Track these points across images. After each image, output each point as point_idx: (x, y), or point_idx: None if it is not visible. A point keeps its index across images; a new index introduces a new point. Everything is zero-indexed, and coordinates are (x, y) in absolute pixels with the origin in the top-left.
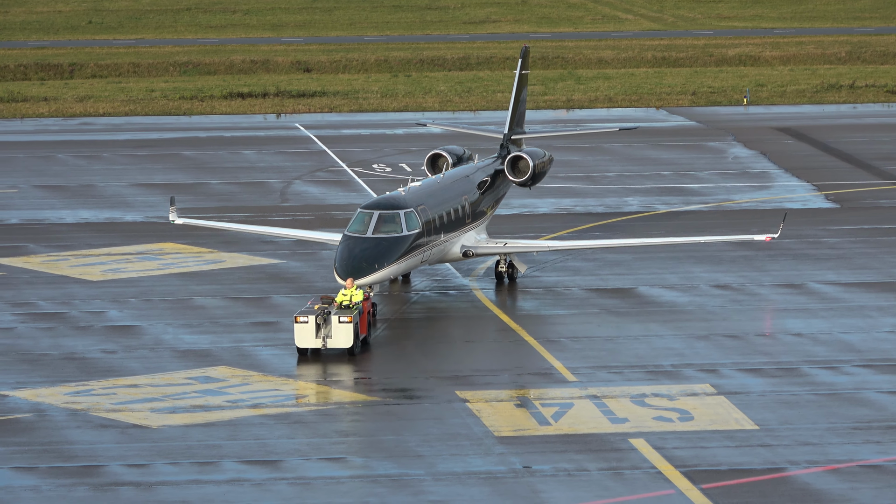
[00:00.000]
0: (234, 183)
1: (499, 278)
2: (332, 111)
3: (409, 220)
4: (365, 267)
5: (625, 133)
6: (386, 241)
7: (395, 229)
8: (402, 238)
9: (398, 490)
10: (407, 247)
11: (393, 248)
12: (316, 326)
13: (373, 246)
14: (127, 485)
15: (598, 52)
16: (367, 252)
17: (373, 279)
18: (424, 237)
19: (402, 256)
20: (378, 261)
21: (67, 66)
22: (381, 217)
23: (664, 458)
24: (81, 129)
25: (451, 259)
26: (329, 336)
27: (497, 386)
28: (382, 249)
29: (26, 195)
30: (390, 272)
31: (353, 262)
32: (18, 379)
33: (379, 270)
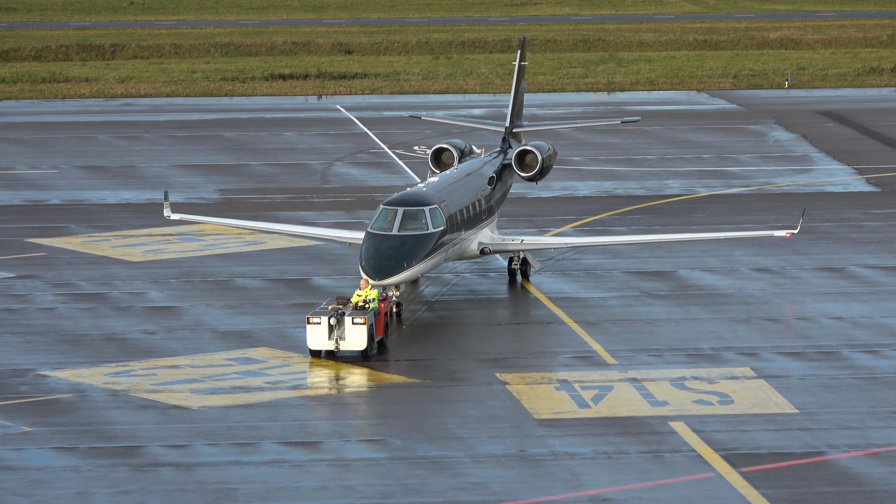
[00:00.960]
0: (275, 164)
1: (511, 276)
2: (374, 93)
3: (435, 217)
4: (393, 265)
5: (666, 115)
6: (412, 239)
7: (421, 226)
8: (429, 235)
9: (437, 472)
10: (434, 244)
11: (420, 246)
12: (329, 328)
13: (399, 244)
14: (167, 465)
15: (640, 34)
16: (394, 250)
17: (402, 278)
18: (448, 234)
19: (429, 254)
20: (406, 259)
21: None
22: (406, 214)
23: (704, 442)
24: (123, 110)
25: (468, 257)
26: (342, 338)
27: (537, 368)
28: (409, 247)
29: (67, 175)
30: (418, 270)
31: (381, 261)
32: (59, 359)
33: (408, 269)
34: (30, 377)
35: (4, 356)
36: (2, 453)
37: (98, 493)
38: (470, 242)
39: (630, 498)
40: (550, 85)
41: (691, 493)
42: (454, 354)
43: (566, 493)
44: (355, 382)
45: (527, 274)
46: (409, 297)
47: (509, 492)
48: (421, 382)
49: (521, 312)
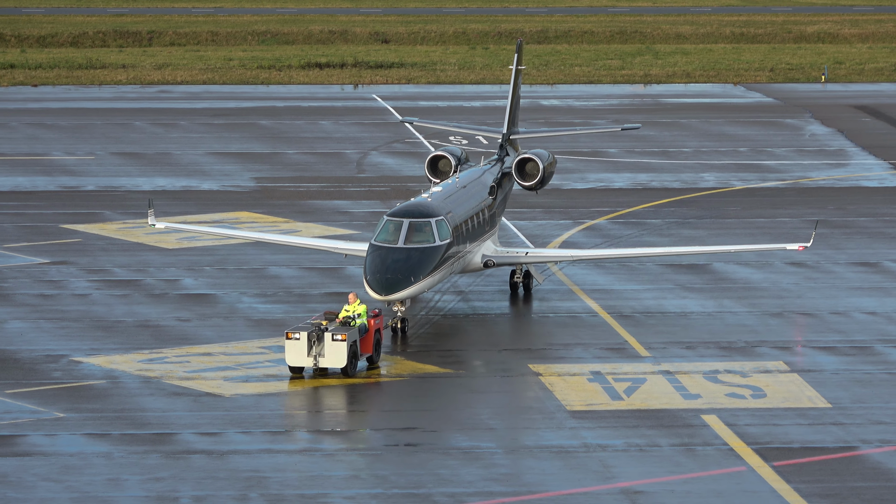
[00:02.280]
0: (311, 153)
1: (513, 289)
2: (410, 83)
3: (441, 229)
4: (400, 280)
5: (702, 108)
6: (419, 252)
7: (428, 239)
8: (436, 248)
9: (469, 462)
10: (441, 257)
11: (427, 259)
12: (308, 344)
13: (406, 257)
14: (199, 453)
15: (677, 27)
16: (401, 264)
17: (409, 293)
18: (455, 247)
19: (436, 268)
20: (413, 273)
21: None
22: (412, 226)
23: (736, 435)
24: (159, 97)
25: (471, 270)
26: (321, 354)
27: (570, 360)
28: (416, 261)
29: (103, 162)
30: (426, 285)
31: (388, 275)
32: (93, 345)
33: (415, 283)
34: (63, 363)
35: (38, 342)
36: (34, 439)
37: (130, 479)
38: (474, 255)
39: (661, 490)
40: (587, 76)
41: (723, 487)
42: (487, 345)
43: (598, 485)
44: (389, 372)
45: (529, 287)
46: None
47: (541, 483)
48: (454, 373)
49: (555, 304)
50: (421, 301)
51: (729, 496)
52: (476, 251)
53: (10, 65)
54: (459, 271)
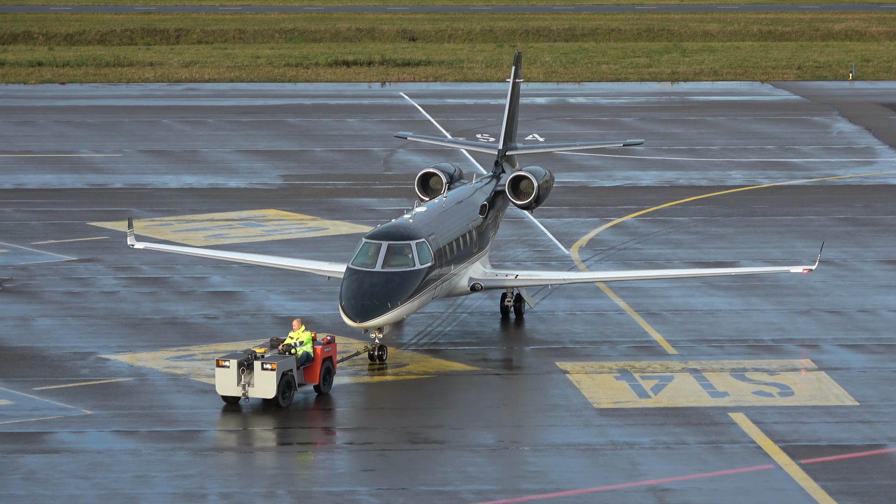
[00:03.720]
0: (338, 151)
1: (504, 313)
2: (437, 80)
3: (422, 252)
4: (377, 306)
5: (730, 106)
6: (398, 277)
7: (407, 262)
8: (416, 272)
9: (497, 460)
10: (420, 282)
11: (406, 284)
12: (238, 372)
13: (383, 282)
14: (226, 450)
15: (704, 24)
16: (378, 289)
17: (385, 320)
18: (436, 270)
19: (415, 293)
20: (391, 299)
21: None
22: (390, 249)
23: (763, 433)
24: (186, 95)
25: (458, 293)
26: (251, 384)
27: (597, 358)
28: (395, 286)
29: (130, 160)
30: (403, 311)
31: (364, 301)
32: (120, 343)
33: (392, 310)
34: (91, 360)
35: (66, 339)
36: (62, 436)
37: (157, 476)
38: (460, 278)
39: (689, 488)
40: (614, 74)
41: (750, 485)
42: (515, 343)
43: (625, 482)
44: (416, 370)
45: (521, 311)
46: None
47: (568, 481)
48: (482, 370)
49: (582, 301)
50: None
51: (756, 494)
52: (463, 274)
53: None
54: (444, 295)
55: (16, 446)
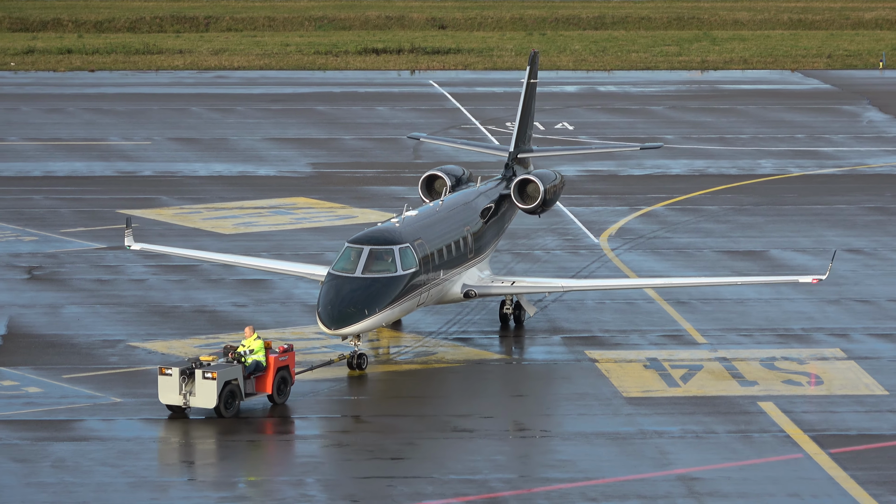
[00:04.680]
0: (368, 139)
1: (504, 321)
2: (466, 68)
3: (405, 258)
4: (353, 313)
5: (760, 95)
6: (377, 283)
7: (388, 268)
8: (397, 279)
9: (527, 448)
10: (402, 288)
11: (386, 291)
12: (180, 381)
13: (362, 288)
14: (254, 439)
15: (734, 13)
16: (356, 295)
17: (360, 327)
18: (422, 276)
19: (396, 300)
20: (368, 305)
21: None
22: (371, 254)
23: (793, 422)
24: (216, 83)
25: (450, 300)
26: (192, 393)
27: (626, 347)
28: (374, 292)
29: (160, 147)
30: (382, 318)
31: (340, 308)
32: (150, 331)
33: (369, 317)
34: (120, 348)
35: (95, 327)
36: (91, 424)
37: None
38: (452, 284)
39: (718, 477)
40: (644, 63)
41: (779, 474)
42: (544, 332)
43: (654, 471)
44: (445, 358)
45: (520, 319)
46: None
47: (597, 469)
48: (510, 359)
49: (611, 291)
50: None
51: (785, 483)
52: (456, 280)
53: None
54: (435, 301)
55: (45, 434)
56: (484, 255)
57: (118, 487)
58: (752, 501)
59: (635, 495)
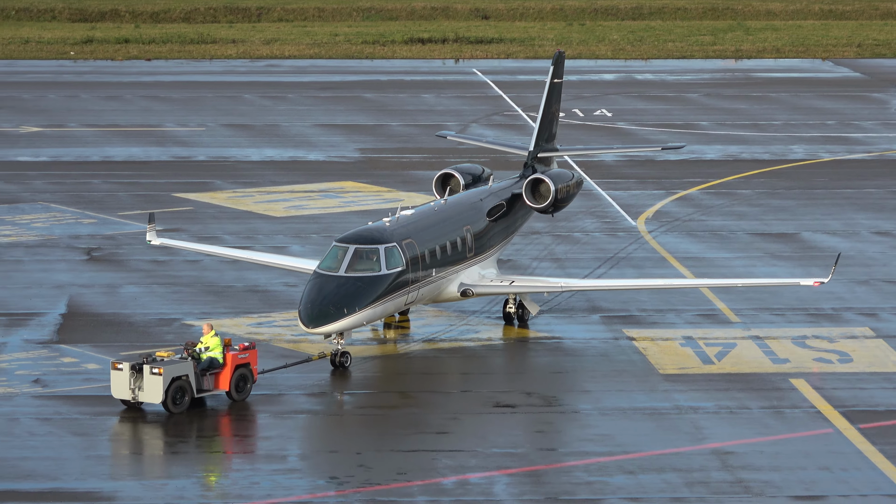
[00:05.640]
0: (413, 125)
1: (507, 320)
2: (509, 57)
3: (391, 257)
4: (331, 312)
5: (791, 83)
6: (360, 282)
7: (373, 267)
8: (380, 278)
9: (566, 423)
10: (385, 288)
11: (367, 290)
12: (130, 376)
13: (343, 286)
14: (305, 413)
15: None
16: (337, 294)
17: (339, 326)
18: (409, 275)
19: (378, 299)
20: (348, 304)
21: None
22: (356, 253)
23: (823, 399)
24: (268, 71)
25: (446, 299)
26: (140, 388)
27: (663, 326)
28: (355, 291)
29: (214, 133)
30: (363, 317)
31: (319, 306)
32: (204, 309)
33: (349, 316)
34: (175, 326)
35: (152, 306)
36: None
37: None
38: (448, 283)
39: (751, 451)
40: (680, 52)
41: (810, 448)
42: (584, 311)
43: (689, 445)
44: (487, 337)
45: (524, 318)
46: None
47: (634, 444)
48: (551, 337)
49: (648, 271)
50: (519, 267)
51: (816, 457)
52: (453, 279)
53: (124, 40)
54: (429, 300)
55: (103, 409)
56: (487, 254)
57: (173, 460)
58: (783, 475)
59: (671, 468)
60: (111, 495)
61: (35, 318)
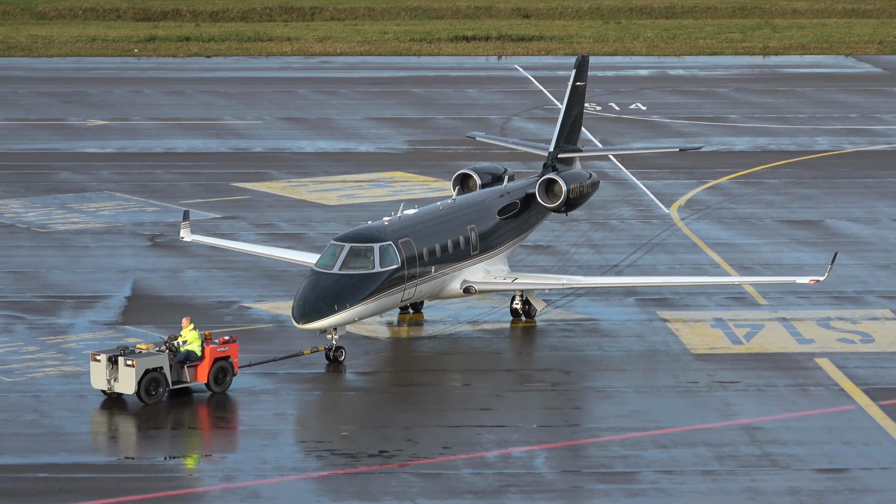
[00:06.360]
0: (458, 118)
1: (514, 315)
2: (548, 54)
3: (385, 255)
4: (322, 308)
5: (816, 78)
6: (353, 279)
7: (366, 265)
8: (372, 275)
9: (602, 400)
10: (378, 285)
11: (360, 287)
12: (107, 367)
13: (336, 283)
14: (355, 390)
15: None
16: (329, 291)
17: (328, 322)
18: (405, 272)
19: (370, 296)
20: (339, 301)
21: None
22: (351, 251)
23: (846, 377)
24: (321, 67)
25: (448, 295)
26: (115, 379)
27: (694, 308)
28: (347, 288)
29: (270, 126)
30: (354, 314)
31: (311, 303)
32: (260, 293)
33: (339, 312)
34: (234, 308)
35: (212, 289)
36: None
37: (293, 414)
38: (451, 280)
39: (778, 427)
40: (710, 48)
41: (834, 424)
42: (619, 294)
43: (720, 421)
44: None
45: (530, 314)
46: None
47: (667, 420)
48: (588, 319)
49: (680, 256)
50: (558, 253)
51: (840, 432)
52: (456, 276)
53: (185, 38)
54: (429, 296)
55: None
56: (493, 252)
57: (232, 435)
58: (808, 449)
59: (702, 443)
60: (174, 467)
61: (101, 301)
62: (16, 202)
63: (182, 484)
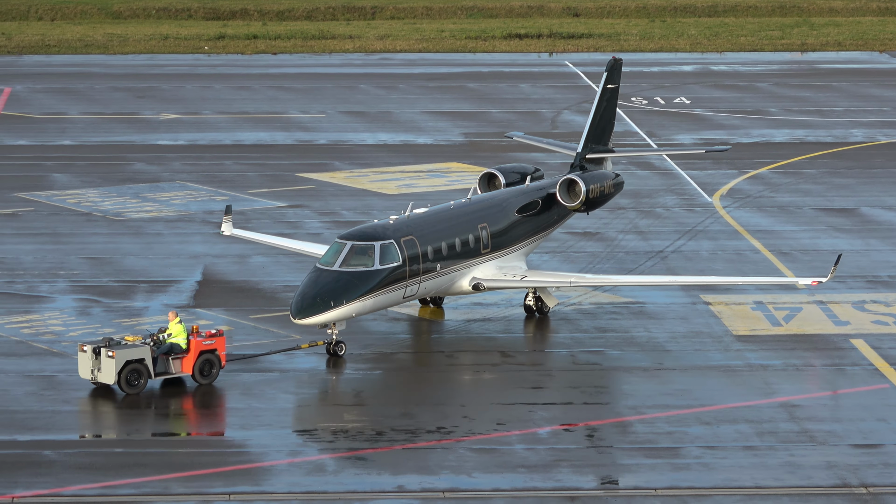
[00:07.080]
0: (512, 112)
1: (528, 312)
2: (597, 51)
3: (386, 253)
4: (319, 304)
5: (852, 73)
6: (351, 276)
7: (366, 262)
8: (371, 273)
9: (649, 379)
10: (377, 282)
11: (358, 284)
12: (92, 358)
13: (335, 280)
14: (405, 370)
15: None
16: (327, 287)
17: (325, 318)
18: (407, 269)
19: (368, 293)
20: (337, 297)
21: (370, 8)
22: (353, 248)
23: (881, 357)
24: (381, 64)
25: (457, 292)
26: (99, 370)
27: (736, 291)
28: (345, 285)
29: (333, 119)
30: (351, 310)
31: (308, 299)
32: None
33: (336, 308)
34: None
35: (277, 274)
36: (275, 357)
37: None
38: (460, 277)
39: (815, 405)
40: (751, 45)
41: (868, 402)
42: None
43: (760, 399)
44: (578, 302)
45: (543, 311)
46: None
47: (710, 398)
48: (634, 302)
49: (721, 243)
50: (606, 239)
51: (874, 409)
52: (465, 273)
53: (253, 36)
54: (436, 292)
55: (234, 366)
56: (508, 250)
57: (295, 413)
58: (844, 425)
59: (744, 420)
60: (242, 443)
61: (174, 285)
62: (93, 192)
63: (250, 458)
